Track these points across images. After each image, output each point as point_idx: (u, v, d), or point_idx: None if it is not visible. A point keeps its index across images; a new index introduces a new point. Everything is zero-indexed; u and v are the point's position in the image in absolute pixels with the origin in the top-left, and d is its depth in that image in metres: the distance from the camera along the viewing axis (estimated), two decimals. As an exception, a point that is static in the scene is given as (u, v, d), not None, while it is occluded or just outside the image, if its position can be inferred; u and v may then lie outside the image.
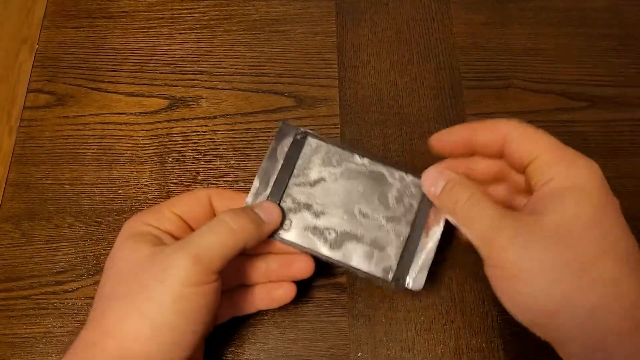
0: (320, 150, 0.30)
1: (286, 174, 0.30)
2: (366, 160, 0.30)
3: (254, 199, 0.30)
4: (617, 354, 0.21)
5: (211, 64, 0.40)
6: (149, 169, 0.37)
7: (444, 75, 0.41)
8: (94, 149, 0.37)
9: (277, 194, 0.30)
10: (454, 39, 0.42)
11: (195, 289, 0.24)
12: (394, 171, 0.30)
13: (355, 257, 0.29)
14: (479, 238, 0.25)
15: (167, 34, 0.41)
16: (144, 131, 0.38)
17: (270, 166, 0.30)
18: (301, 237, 0.29)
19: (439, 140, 0.29)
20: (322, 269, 0.31)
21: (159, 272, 0.24)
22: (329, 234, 0.29)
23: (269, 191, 0.30)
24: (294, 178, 0.30)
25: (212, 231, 0.25)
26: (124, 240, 0.27)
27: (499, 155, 0.28)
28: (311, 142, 0.30)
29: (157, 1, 0.42)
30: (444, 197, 0.27)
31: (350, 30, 0.42)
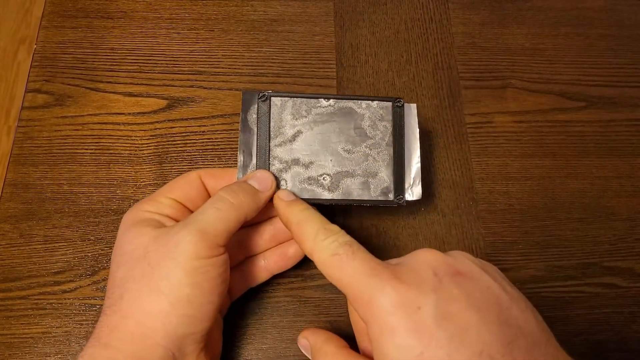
0: (286, 106, 0.31)
1: (264, 139, 0.31)
2: (332, 101, 0.31)
3: (243, 172, 0.30)
4: None
5: (209, 64, 0.40)
6: (147, 169, 0.37)
7: (442, 75, 0.41)
8: (92, 149, 0.37)
9: (263, 161, 0.30)
10: (452, 39, 0.42)
11: (205, 261, 0.25)
12: (359, 102, 0.32)
13: (355, 192, 0.31)
14: None
15: (165, 34, 0.41)
16: (142, 131, 0.38)
17: (248, 137, 0.31)
18: (300, 192, 0.30)
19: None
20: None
21: (169, 250, 0.25)
22: (324, 179, 0.31)
23: (254, 161, 0.30)
24: (273, 140, 0.31)
25: (213, 207, 0.27)
26: (127, 229, 0.27)
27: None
28: (275, 102, 0.31)
29: (155, 1, 0.42)
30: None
31: (349, 30, 0.42)
